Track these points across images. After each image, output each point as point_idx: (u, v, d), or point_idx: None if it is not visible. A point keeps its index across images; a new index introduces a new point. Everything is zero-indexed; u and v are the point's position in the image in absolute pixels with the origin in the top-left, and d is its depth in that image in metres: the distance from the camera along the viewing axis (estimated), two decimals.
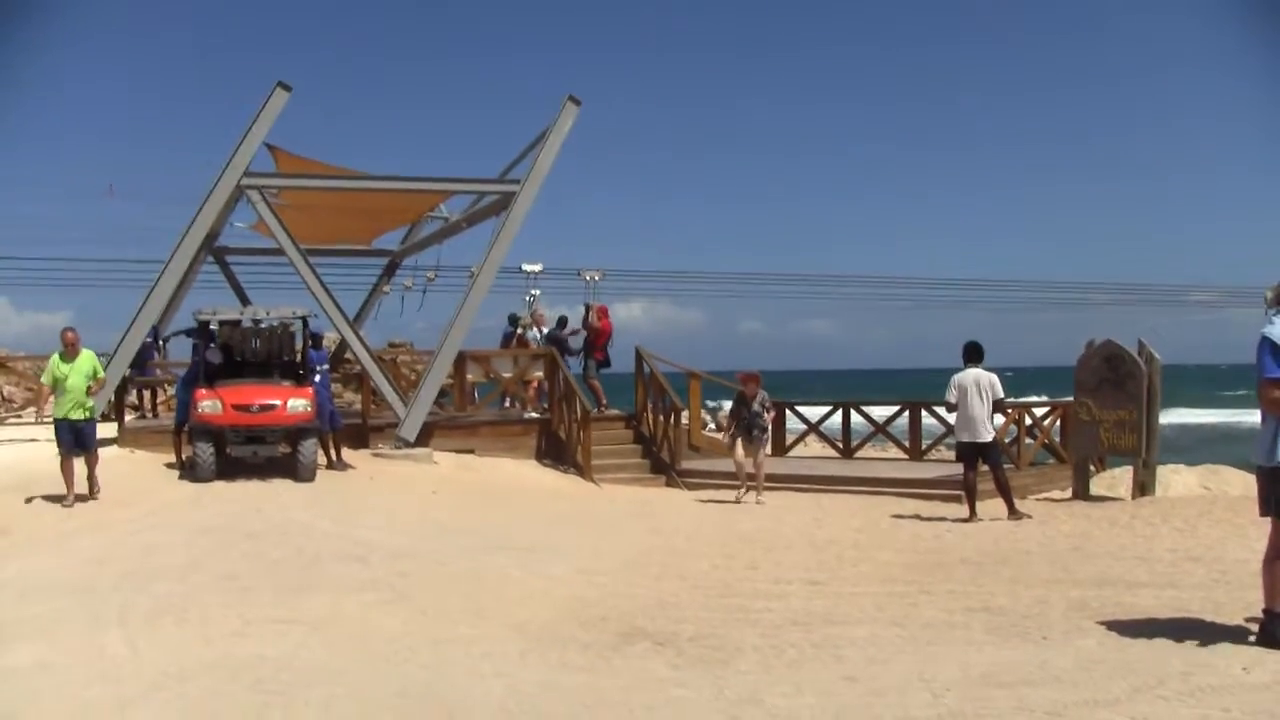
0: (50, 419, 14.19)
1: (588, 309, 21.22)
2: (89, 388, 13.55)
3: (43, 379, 14.09)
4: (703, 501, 16.25)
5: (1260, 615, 6.96)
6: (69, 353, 13.56)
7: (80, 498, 13.47)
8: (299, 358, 17.29)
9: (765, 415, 16.26)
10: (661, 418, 19.60)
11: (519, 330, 22.14)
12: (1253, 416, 8.41)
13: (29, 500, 13.36)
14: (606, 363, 21.09)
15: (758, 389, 16.02)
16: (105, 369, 14.73)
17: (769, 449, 16.94)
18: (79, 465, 13.54)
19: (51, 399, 14.04)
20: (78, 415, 13.48)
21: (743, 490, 16.05)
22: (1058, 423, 18.71)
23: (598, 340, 20.88)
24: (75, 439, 13.47)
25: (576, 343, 21.17)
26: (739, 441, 16.01)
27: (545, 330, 21.83)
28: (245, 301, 22.29)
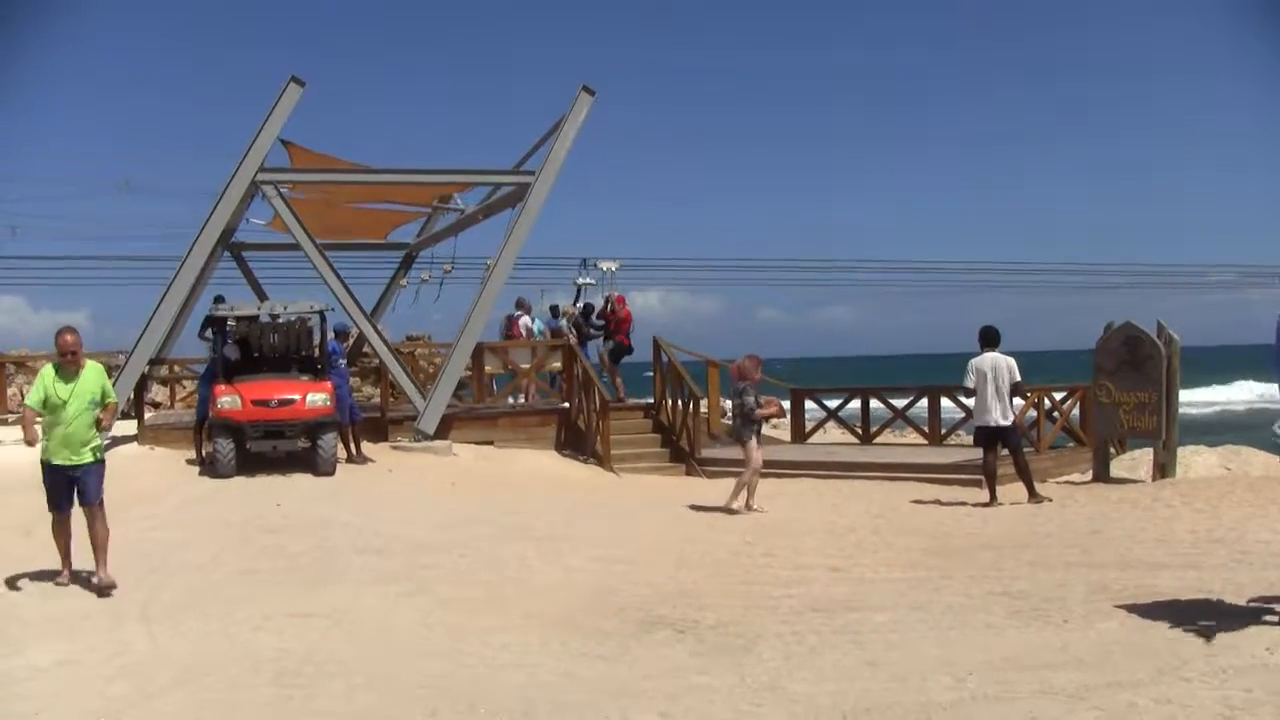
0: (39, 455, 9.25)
1: (607, 301, 21.17)
2: (98, 419, 9.14)
3: (28, 400, 9.43)
4: (695, 508, 13.85)
5: None
6: (68, 366, 9.09)
7: (77, 576, 9.27)
8: (317, 352, 17.34)
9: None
10: (680, 406, 19.58)
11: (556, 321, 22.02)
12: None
13: (13, 583, 9.24)
14: (629, 349, 21.01)
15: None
16: (116, 381, 10.56)
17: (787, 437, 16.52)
18: (77, 524, 9.25)
19: (39, 431, 9.27)
20: (84, 459, 9.08)
21: (748, 497, 13.55)
22: (1077, 406, 18.63)
23: (621, 326, 20.83)
24: (72, 491, 9.13)
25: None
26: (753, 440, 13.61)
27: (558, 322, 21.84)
28: (262, 297, 22.35)
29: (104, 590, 8.85)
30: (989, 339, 13.78)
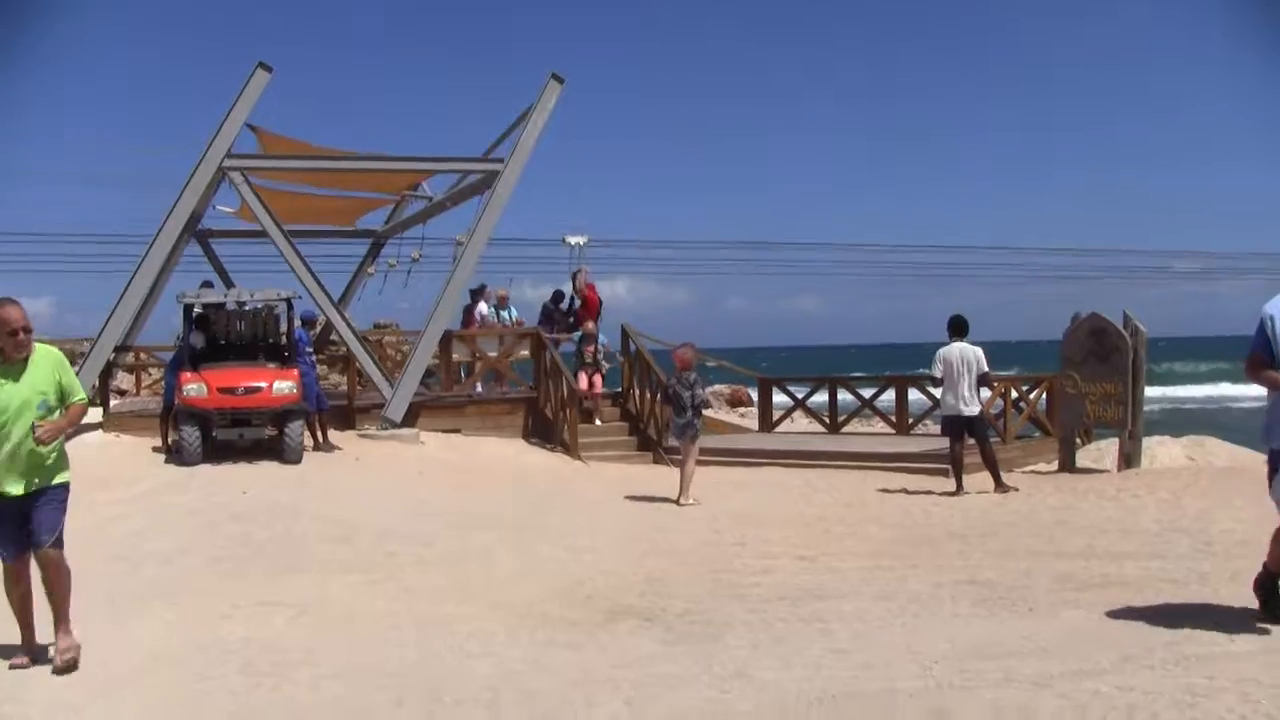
0: None
1: (575, 277, 20.97)
2: (33, 427, 6.23)
3: None
4: (662, 498, 13.77)
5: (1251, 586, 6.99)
6: (13, 351, 6.28)
7: (40, 654, 6.53)
8: (285, 339, 17.22)
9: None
10: (648, 395, 19.56)
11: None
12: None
13: None
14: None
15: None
16: (80, 370, 7.44)
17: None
18: (33, 575, 6.53)
19: None
20: (25, 485, 6.33)
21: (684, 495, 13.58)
22: (1044, 396, 18.74)
23: (589, 314, 20.58)
24: (22, 530, 6.38)
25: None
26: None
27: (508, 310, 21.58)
28: (229, 284, 22.16)
29: (66, 665, 6.33)
30: (957, 328, 13.84)
